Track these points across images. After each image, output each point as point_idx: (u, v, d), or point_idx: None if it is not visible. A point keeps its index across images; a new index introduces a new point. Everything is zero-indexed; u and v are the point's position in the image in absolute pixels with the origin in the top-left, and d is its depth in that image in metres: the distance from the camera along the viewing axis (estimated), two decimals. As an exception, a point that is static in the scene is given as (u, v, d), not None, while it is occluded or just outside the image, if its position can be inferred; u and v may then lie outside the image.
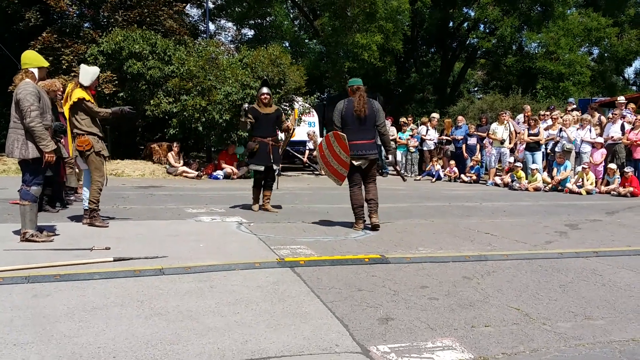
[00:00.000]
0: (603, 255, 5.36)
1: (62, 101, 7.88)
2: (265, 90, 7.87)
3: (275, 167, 7.90)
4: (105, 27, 16.50)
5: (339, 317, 3.34)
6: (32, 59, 5.42)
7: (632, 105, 14.20)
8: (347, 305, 3.57)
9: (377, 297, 3.78)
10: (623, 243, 6.10)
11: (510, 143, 14.12)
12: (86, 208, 6.32)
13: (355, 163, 6.37)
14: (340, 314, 3.41)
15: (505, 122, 14.05)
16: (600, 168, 12.62)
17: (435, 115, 17.42)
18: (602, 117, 13.77)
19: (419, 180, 15.39)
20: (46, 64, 5.55)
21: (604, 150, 12.68)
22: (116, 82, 14.82)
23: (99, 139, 6.33)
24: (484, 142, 14.84)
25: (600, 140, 12.67)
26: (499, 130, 14.09)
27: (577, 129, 12.99)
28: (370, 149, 6.40)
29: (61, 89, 7.84)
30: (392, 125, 16.97)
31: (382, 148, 16.16)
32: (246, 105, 8.04)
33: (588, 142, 12.76)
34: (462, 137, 15.53)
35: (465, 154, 15.20)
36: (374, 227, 6.38)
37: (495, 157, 14.27)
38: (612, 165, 11.95)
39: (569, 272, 4.63)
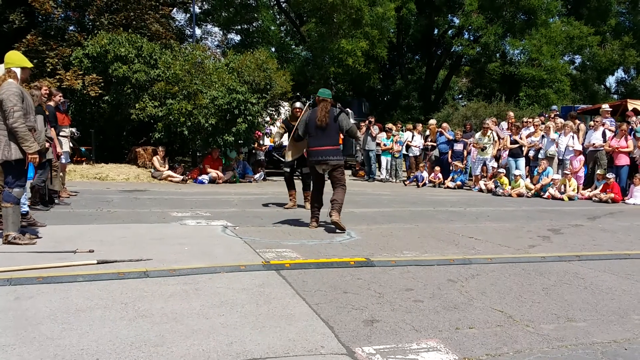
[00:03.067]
0: (585, 259, 5.43)
1: (47, 103, 7.82)
2: (297, 105, 8.90)
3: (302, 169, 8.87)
4: (90, 30, 16.36)
5: (324, 319, 3.35)
6: (15, 59, 5.36)
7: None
8: (333, 307, 3.58)
9: (362, 299, 3.79)
10: (604, 247, 6.19)
11: (494, 150, 14.23)
12: (25, 212, 6.00)
13: (317, 169, 6.83)
14: (325, 315, 3.41)
15: (489, 132, 14.13)
16: (581, 174, 12.82)
17: (433, 121, 17.32)
18: (582, 125, 13.98)
19: (405, 185, 15.47)
20: (29, 64, 5.49)
21: (581, 157, 12.90)
22: (101, 85, 14.70)
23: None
24: (468, 147, 14.95)
25: (579, 147, 12.87)
26: (483, 140, 14.20)
27: (560, 136, 13.16)
28: (331, 154, 6.72)
29: (47, 91, 7.79)
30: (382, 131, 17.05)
31: (371, 156, 16.48)
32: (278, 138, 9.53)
33: (570, 149, 12.95)
34: (449, 139, 15.57)
35: (451, 160, 15.27)
36: (333, 224, 6.59)
37: (479, 163, 14.38)
38: (600, 171, 12.16)
39: (551, 275, 4.69)
